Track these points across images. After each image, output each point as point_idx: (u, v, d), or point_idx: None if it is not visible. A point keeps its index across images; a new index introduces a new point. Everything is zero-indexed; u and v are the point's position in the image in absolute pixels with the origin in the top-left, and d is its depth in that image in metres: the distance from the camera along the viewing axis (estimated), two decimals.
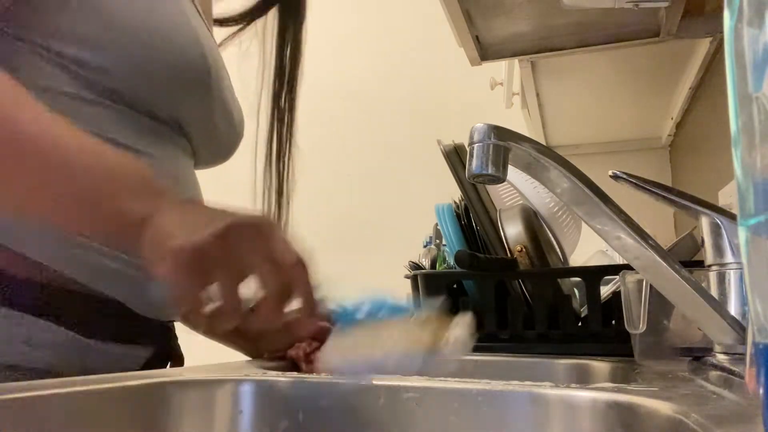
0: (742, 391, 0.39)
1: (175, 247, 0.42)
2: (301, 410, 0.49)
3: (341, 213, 2.20)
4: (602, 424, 0.41)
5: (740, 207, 0.20)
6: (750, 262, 0.20)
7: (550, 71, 1.25)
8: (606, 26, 0.99)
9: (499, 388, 0.45)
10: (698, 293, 0.41)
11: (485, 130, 0.34)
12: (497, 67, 1.39)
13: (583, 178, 0.37)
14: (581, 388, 0.43)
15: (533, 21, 0.99)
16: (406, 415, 0.47)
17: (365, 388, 0.48)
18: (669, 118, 1.49)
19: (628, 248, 0.40)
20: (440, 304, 0.41)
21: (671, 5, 0.84)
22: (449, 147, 0.94)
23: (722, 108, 1.17)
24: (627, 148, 1.73)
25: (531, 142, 0.36)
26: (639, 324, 0.62)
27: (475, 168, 0.34)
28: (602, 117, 1.55)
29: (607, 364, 0.69)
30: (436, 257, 1.21)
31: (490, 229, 0.92)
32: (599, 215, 0.38)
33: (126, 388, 0.45)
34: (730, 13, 0.20)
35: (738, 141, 0.20)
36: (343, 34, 2.31)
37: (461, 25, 0.97)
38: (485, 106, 1.87)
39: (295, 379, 0.51)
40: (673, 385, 0.45)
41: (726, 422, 0.31)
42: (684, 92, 1.27)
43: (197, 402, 0.49)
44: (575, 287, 0.98)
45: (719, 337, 0.48)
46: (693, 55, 1.14)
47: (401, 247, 2.02)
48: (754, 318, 0.20)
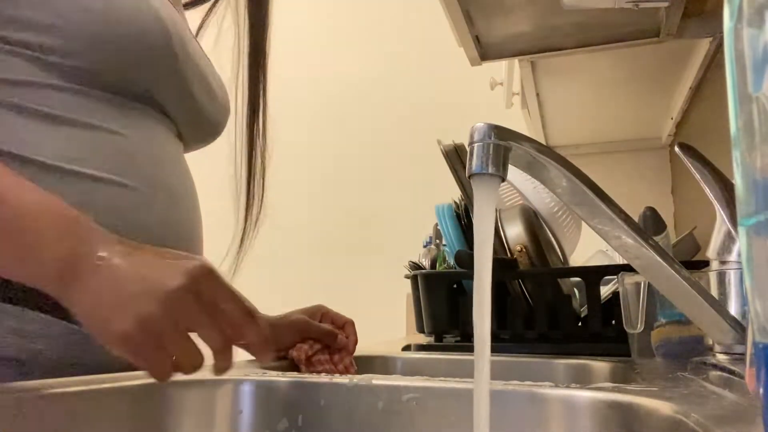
0: (742, 391, 0.39)
1: (117, 333, 0.39)
2: (301, 410, 0.49)
3: (341, 213, 2.20)
4: (602, 424, 0.41)
5: (740, 206, 0.20)
6: (749, 262, 0.20)
7: (550, 71, 1.25)
8: (606, 26, 0.99)
9: (499, 388, 0.45)
10: (698, 293, 0.41)
11: (485, 129, 0.34)
12: (497, 67, 1.39)
13: (583, 178, 0.37)
14: (581, 388, 0.43)
15: (533, 21, 0.99)
16: (406, 415, 0.47)
17: (365, 388, 0.48)
18: (669, 118, 1.49)
19: (628, 248, 0.40)
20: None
21: (671, 5, 0.84)
22: (449, 147, 0.94)
23: (722, 108, 1.17)
24: (627, 148, 1.73)
25: (531, 142, 0.36)
26: (637, 324, 0.62)
27: (475, 167, 0.34)
28: (602, 117, 1.55)
29: (607, 364, 0.69)
30: (436, 257, 1.21)
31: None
32: (599, 215, 0.38)
33: (126, 388, 0.45)
34: (730, 13, 0.20)
35: (738, 141, 0.20)
36: (343, 34, 2.31)
37: (461, 25, 0.97)
38: (485, 106, 1.87)
39: (295, 379, 0.51)
40: (673, 385, 0.45)
41: (726, 422, 0.31)
42: (684, 92, 1.27)
43: (197, 402, 0.49)
44: (575, 287, 0.98)
45: (719, 337, 0.48)
46: (693, 55, 1.14)
47: (401, 247, 2.03)
48: (754, 318, 0.20)
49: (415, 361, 0.82)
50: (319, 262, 2.19)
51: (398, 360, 0.82)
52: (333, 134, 2.26)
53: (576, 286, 0.98)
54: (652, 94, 1.38)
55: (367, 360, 0.81)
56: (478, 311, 0.33)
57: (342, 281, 2.15)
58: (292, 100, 2.33)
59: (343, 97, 2.27)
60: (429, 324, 0.96)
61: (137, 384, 0.45)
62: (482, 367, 0.32)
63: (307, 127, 2.30)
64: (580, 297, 0.97)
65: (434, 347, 0.93)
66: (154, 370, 0.41)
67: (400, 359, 0.82)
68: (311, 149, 2.28)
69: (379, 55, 2.24)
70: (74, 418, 0.41)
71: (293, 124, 2.32)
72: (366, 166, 2.20)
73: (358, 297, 2.13)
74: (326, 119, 2.28)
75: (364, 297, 2.11)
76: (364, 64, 2.25)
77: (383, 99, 2.21)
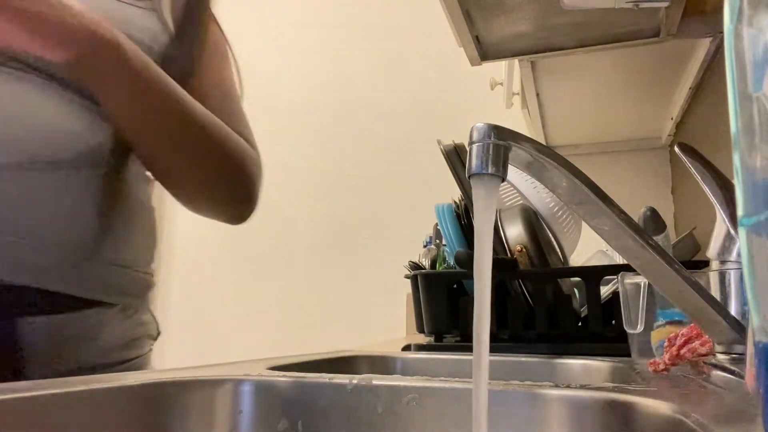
0: (742, 391, 0.39)
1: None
2: (301, 410, 0.49)
3: (341, 213, 2.20)
4: (602, 424, 0.41)
5: (740, 206, 0.20)
6: (750, 261, 0.20)
7: (550, 71, 1.25)
8: (606, 26, 0.99)
9: (499, 388, 0.45)
10: (698, 293, 0.41)
11: (485, 129, 0.34)
12: (497, 67, 1.39)
13: (583, 178, 0.37)
14: (581, 388, 0.43)
15: (533, 21, 0.99)
16: (406, 415, 0.47)
17: (365, 388, 0.48)
18: (669, 118, 1.49)
19: (628, 248, 0.40)
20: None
21: (671, 5, 0.84)
22: (449, 147, 0.94)
23: (722, 108, 1.17)
24: (627, 148, 1.73)
25: (531, 142, 0.36)
26: (637, 324, 0.62)
27: (474, 167, 0.34)
28: (602, 117, 1.55)
29: (607, 364, 0.69)
30: (436, 257, 1.21)
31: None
32: (599, 215, 0.38)
33: (126, 388, 0.45)
34: (730, 13, 0.20)
35: (738, 141, 0.20)
36: (343, 34, 2.31)
37: (461, 25, 0.97)
38: (485, 106, 1.87)
39: (295, 379, 0.51)
40: (673, 385, 0.45)
41: (726, 422, 0.31)
42: (684, 92, 1.27)
43: (197, 402, 0.49)
44: (575, 287, 0.98)
45: (719, 337, 0.48)
46: (693, 55, 1.14)
47: (401, 247, 2.03)
48: (755, 317, 0.20)
49: (415, 361, 0.82)
50: (319, 262, 2.19)
51: (398, 360, 0.82)
52: (333, 134, 2.26)
53: (576, 286, 0.98)
54: (652, 94, 1.38)
55: (367, 360, 0.81)
56: (478, 311, 0.33)
57: (342, 281, 2.15)
58: (293, 100, 2.33)
59: (344, 97, 2.27)
60: (429, 324, 0.96)
61: (137, 384, 0.45)
62: (481, 367, 0.32)
63: (308, 127, 2.30)
64: (580, 297, 0.97)
65: (434, 347, 0.93)
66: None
67: (400, 359, 0.82)
68: (311, 149, 2.28)
69: (380, 55, 2.24)
70: (74, 418, 0.41)
71: (293, 125, 2.32)
72: (366, 166, 2.20)
73: (359, 297, 2.13)
74: (326, 119, 2.28)
75: (364, 297, 2.11)
76: (364, 64, 2.25)
77: (383, 99, 2.21)
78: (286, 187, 2.29)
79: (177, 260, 2.41)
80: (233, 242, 2.32)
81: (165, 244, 2.43)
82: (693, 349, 0.51)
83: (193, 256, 2.38)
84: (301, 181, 2.27)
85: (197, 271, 2.37)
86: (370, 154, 2.20)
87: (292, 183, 2.28)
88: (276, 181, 2.36)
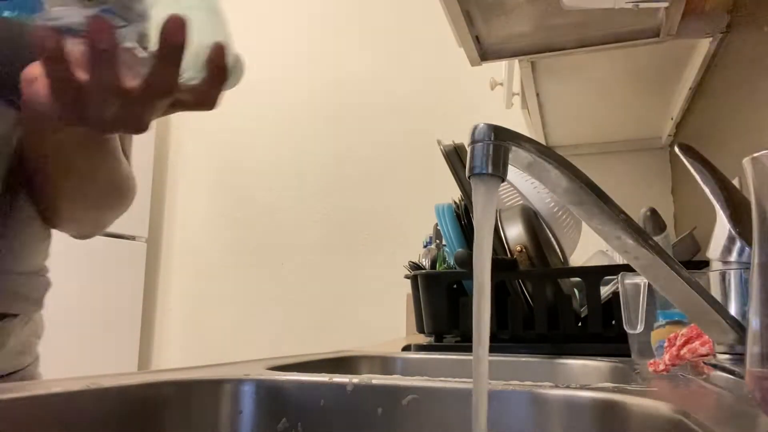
0: (742, 391, 0.39)
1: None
2: (301, 410, 0.49)
3: (341, 213, 2.21)
4: (602, 424, 0.41)
5: None
6: None
7: (550, 71, 1.25)
8: (606, 26, 0.99)
9: (499, 388, 0.45)
10: (698, 293, 0.41)
11: (485, 129, 0.34)
12: (497, 67, 1.39)
13: (583, 178, 0.37)
14: (581, 388, 0.43)
15: (533, 21, 0.99)
16: (406, 415, 0.47)
17: (365, 388, 0.48)
18: (669, 118, 1.49)
19: (628, 248, 0.40)
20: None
21: (671, 5, 0.84)
22: (449, 147, 0.94)
23: (722, 108, 1.17)
24: (627, 148, 1.73)
25: (531, 142, 0.36)
26: (637, 324, 0.62)
27: (475, 168, 0.34)
28: (602, 117, 1.55)
29: (607, 364, 0.69)
30: (436, 257, 1.21)
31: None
32: (599, 215, 0.38)
33: (126, 388, 0.45)
34: None
35: None
36: (343, 34, 2.31)
37: (461, 25, 0.97)
38: (485, 106, 1.87)
39: (295, 379, 0.51)
40: (674, 385, 0.45)
41: (726, 422, 0.31)
42: (684, 92, 1.27)
43: (197, 402, 0.49)
44: (575, 287, 0.98)
45: (719, 337, 0.48)
46: (693, 55, 1.14)
47: (401, 247, 2.03)
48: None
49: (415, 361, 0.82)
50: (319, 262, 2.19)
51: (398, 360, 0.82)
52: (333, 134, 2.26)
53: (576, 286, 0.98)
54: (652, 94, 1.38)
55: (367, 360, 0.81)
56: (477, 311, 0.33)
57: (342, 281, 2.15)
58: (293, 100, 2.33)
59: (343, 97, 2.27)
60: (429, 324, 0.96)
61: (137, 384, 0.45)
62: (481, 367, 0.32)
63: (308, 126, 2.30)
64: (580, 297, 0.97)
65: (434, 347, 0.93)
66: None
67: (400, 359, 0.82)
68: (311, 149, 2.28)
69: (380, 55, 2.24)
70: (74, 418, 0.41)
71: (293, 124, 2.32)
72: (366, 166, 2.20)
73: (359, 297, 2.13)
74: (326, 119, 2.28)
75: (364, 297, 2.11)
76: (364, 64, 2.25)
77: (383, 99, 2.21)
78: (286, 187, 2.29)
79: (177, 261, 2.41)
80: (233, 242, 2.32)
81: (165, 244, 2.43)
82: (693, 350, 0.51)
83: (193, 257, 2.38)
84: (302, 181, 2.27)
85: (197, 272, 2.37)
86: (371, 153, 2.20)
87: (292, 183, 2.28)
88: (276, 182, 2.37)
